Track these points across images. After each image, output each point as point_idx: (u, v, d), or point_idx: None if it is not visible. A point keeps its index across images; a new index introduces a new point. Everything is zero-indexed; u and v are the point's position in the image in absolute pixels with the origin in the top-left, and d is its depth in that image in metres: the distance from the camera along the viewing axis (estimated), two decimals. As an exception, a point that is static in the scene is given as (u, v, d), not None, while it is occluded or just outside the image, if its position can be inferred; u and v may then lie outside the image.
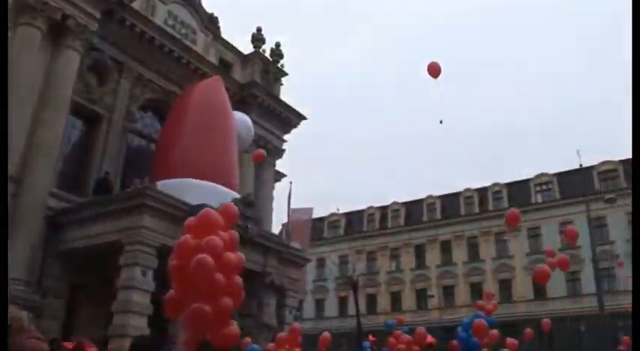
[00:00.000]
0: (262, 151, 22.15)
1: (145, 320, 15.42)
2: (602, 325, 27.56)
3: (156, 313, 15.64)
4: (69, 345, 9.48)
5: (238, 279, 7.61)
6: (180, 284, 7.28)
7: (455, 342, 15.88)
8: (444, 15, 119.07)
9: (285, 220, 31.22)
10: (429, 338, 22.26)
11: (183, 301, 7.23)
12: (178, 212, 16.86)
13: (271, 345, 13.22)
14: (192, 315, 6.93)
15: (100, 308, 17.03)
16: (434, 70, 16.79)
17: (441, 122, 17.89)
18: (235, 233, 7.61)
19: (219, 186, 18.76)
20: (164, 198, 16.84)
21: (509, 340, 19.69)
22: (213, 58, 26.12)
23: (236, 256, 7.31)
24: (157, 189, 16.97)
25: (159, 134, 22.85)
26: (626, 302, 39.27)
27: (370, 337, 23.74)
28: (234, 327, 6.79)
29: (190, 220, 7.29)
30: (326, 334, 16.04)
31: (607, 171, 45.98)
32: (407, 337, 17.34)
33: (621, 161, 44.57)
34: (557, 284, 44.77)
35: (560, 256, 18.43)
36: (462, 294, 48.87)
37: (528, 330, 22.70)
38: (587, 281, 40.90)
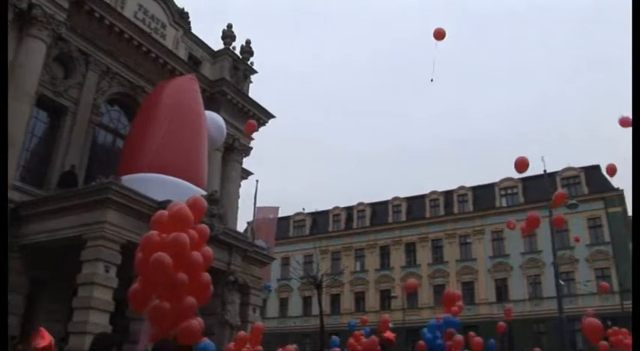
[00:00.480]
0: (253, 122, 21.22)
1: (107, 317, 15.19)
2: (561, 328, 27.91)
3: (118, 310, 15.47)
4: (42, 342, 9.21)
5: (206, 276, 7.53)
6: (145, 278, 7.21)
7: (421, 342, 16.02)
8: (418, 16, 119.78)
9: (251, 218, 31.18)
10: (389, 334, 22.45)
11: (148, 294, 7.15)
12: (144, 208, 16.67)
13: (231, 344, 13.20)
14: (153, 313, 6.85)
15: (61, 304, 16.76)
16: (439, 35, 17.17)
17: (432, 80, 18.12)
18: (205, 228, 7.53)
19: (186, 182, 18.58)
20: (129, 193, 16.62)
21: (476, 339, 19.94)
22: (182, 54, 25.88)
23: (204, 253, 7.23)
24: (121, 184, 16.74)
25: (128, 129, 22.59)
26: (583, 305, 40.19)
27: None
28: (197, 322, 6.73)
29: (159, 214, 7.19)
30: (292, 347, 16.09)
31: (569, 177, 46.82)
32: (367, 339, 17.60)
33: (583, 168, 45.40)
34: (518, 287, 45.51)
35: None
36: (426, 295, 49.23)
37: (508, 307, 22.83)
38: (548, 285, 41.53)
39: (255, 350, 12.85)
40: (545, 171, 29.81)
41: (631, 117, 5.98)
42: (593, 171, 45.15)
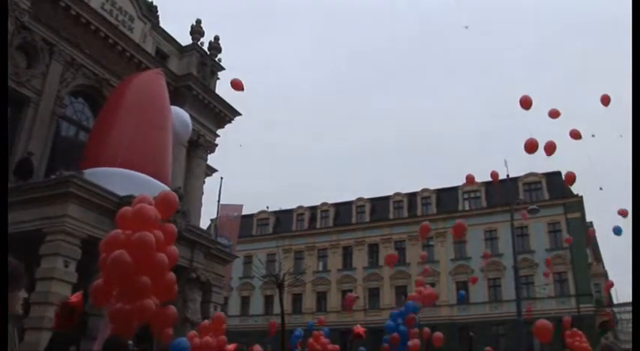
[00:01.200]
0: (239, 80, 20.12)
1: (65, 313, 14.94)
2: (520, 331, 28.35)
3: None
4: None
5: (171, 276, 7.42)
6: (106, 276, 7.11)
7: (394, 335, 16.27)
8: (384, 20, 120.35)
9: (214, 215, 30.97)
10: (359, 329, 22.68)
11: (109, 292, 7.07)
12: (106, 202, 16.46)
13: (192, 332, 13.22)
14: (113, 313, 6.75)
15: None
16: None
17: (466, 27, 18.39)
18: (173, 227, 7.42)
19: (150, 178, 18.37)
20: (91, 187, 16.38)
21: (436, 334, 20.23)
22: (150, 48, 25.56)
23: (169, 254, 7.13)
24: (83, 177, 16.48)
25: (92, 122, 22.24)
26: (541, 308, 40.87)
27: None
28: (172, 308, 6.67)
29: (125, 210, 7.07)
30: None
31: (531, 183, 47.48)
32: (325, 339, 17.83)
33: (545, 174, 46.07)
34: (479, 290, 46.00)
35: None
36: (387, 296, 49.45)
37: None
38: (508, 288, 42.08)
39: (219, 340, 12.86)
40: (508, 176, 30.24)
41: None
42: (554, 177, 45.89)
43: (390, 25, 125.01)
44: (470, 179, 21.15)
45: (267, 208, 59.65)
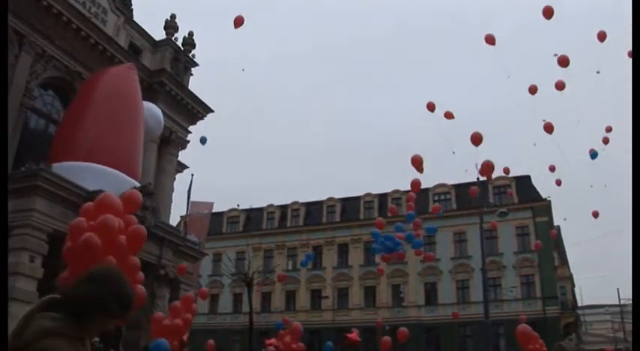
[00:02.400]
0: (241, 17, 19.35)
1: (30, 308, 14.68)
2: (487, 332, 28.63)
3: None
4: None
5: (135, 260, 7.37)
6: (74, 266, 7.04)
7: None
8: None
9: (184, 212, 30.73)
10: (354, 335, 22.95)
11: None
12: (74, 197, 16.25)
13: (160, 314, 13.55)
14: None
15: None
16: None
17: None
18: (134, 219, 7.37)
19: (120, 173, 18.19)
20: (59, 181, 16.17)
21: (384, 338, 20.46)
22: (123, 42, 25.26)
23: (134, 233, 7.07)
24: (52, 171, 16.25)
25: (63, 115, 21.90)
26: (508, 310, 41.34)
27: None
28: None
29: (88, 204, 7.05)
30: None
31: (501, 186, 47.86)
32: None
33: (514, 177, 46.48)
34: (447, 291, 46.29)
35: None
36: (356, 297, 49.50)
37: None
38: (476, 289, 42.41)
39: (184, 318, 13.35)
40: (478, 179, 30.35)
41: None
42: (523, 180, 46.36)
43: (367, 21, 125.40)
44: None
45: (238, 206, 59.36)
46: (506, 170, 25.89)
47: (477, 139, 18.13)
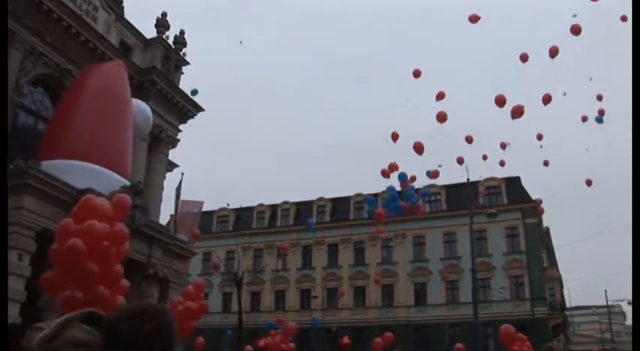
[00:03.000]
0: None
1: (17, 308, 14.59)
2: (476, 333, 28.69)
3: (31, 300, 14.89)
4: None
5: (118, 268, 7.36)
6: (59, 267, 7.04)
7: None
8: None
9: (174, 211, 30.63)
10: (345, 339, 23.10)
11: (61, 283, 6.98)
12: (63, 195, 16.17)
13: (177, 299, 14.39)
14: (65, 302, 6.67)
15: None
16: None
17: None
18: (122, 226, 7.36)
19: (109, 171, 18.11)
20: (49, 179, 16.08)
21: (376, 340, 20.50)
22: (113, 39, 25.11)
23: (117, 238, 7.07)
24: (41, 169, 16.17)
25: (52, 113, 21.77)
26: (497, 311, 41.52)
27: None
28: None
29: (78, 206, 7.05)
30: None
31: (491, 187, 48.04)
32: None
33: (504, 179, 46.63)
34: (436, 292, 46.41)
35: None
36: (345, 296, 49.51)
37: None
38: (465, 290, 42.53)
39: (200, 304, 14.42)
40: (468, 180, 30.42)
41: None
42: (513, 182, 46.51)
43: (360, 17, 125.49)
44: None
45: (228, 205, 59.29)
46: (502, 163, 25.89)
47: (441, 117, 18.23)
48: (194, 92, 24.68)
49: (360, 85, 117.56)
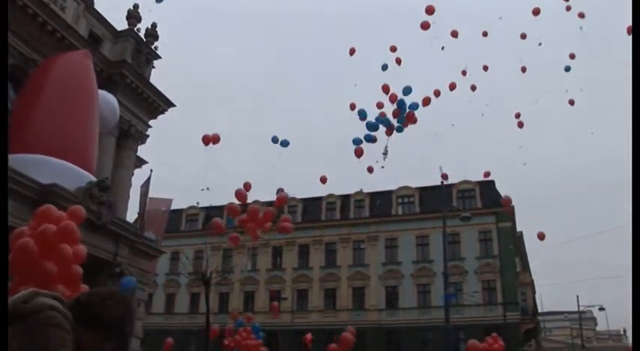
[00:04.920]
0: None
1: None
2: (448, 337, 28.56)
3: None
4: None
5: (77, 268, 7.11)
6: (18, 273, 6.88)
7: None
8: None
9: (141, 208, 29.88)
10: (308, 336, 22.61)
11: (17, 284, 6.80)
12: (26, 190, 15.49)
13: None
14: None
15: None
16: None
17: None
18: (71, 222, 7.16)
19: (75, 166, 17.42)
20: (11, 174, 15.32)
21: (331, 346, 20.05)
22: (82, 30, 24.23)
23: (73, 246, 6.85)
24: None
25: (13, 105, 20.93)
26: (469, 315, 41.44)
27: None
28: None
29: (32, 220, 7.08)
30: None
31: (465, 190, 48.00)
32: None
33: (478, 182, 46.59)
34: (408, 295, 46.19)
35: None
36: (316, 299, 49.09)
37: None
38: (437, 294, 42.36)
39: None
40: (442, 182, 30.21)
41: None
42: (487, 185, 46.45)
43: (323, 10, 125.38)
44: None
45: (198, 203, 58.42)
46: (486, 174, 25.84)
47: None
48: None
49: (328, 81, 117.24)
